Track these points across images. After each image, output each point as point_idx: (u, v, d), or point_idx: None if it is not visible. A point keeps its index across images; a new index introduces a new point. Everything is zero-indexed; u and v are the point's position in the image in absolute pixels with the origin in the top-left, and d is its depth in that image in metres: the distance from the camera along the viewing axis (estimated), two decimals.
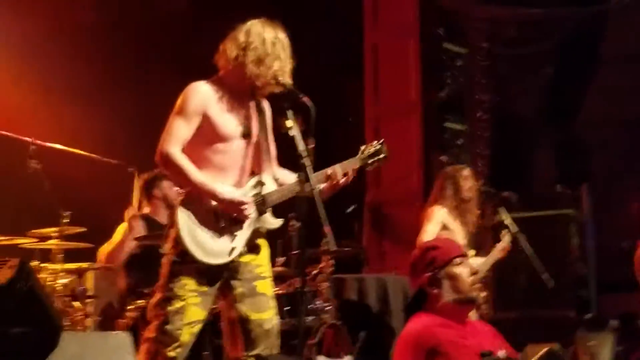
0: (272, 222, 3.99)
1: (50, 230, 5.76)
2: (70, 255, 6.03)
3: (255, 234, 3.94)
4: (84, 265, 5.94)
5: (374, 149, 4.12)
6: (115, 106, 7.97)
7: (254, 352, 3.89)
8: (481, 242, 6.45)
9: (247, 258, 3.92)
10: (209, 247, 3.79)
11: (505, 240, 6.02)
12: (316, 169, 3.94)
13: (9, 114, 7.16)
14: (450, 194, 5.85)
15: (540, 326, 7.08)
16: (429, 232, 5.71)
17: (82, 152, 6.35)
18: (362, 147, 4.15)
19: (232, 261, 3.87)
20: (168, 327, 3.77)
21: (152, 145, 3.92)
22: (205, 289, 3.82)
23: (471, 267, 3.41)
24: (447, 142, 8.26)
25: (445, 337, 3.22)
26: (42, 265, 5.79)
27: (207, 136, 3.84)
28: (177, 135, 3.78)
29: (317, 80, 8.22)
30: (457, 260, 3.39)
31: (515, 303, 6.91)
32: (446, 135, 8.26)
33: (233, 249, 3.84)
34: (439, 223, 5.77)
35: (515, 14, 7.56)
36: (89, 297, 5.83)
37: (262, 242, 4.01)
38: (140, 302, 5.47)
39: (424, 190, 7.86)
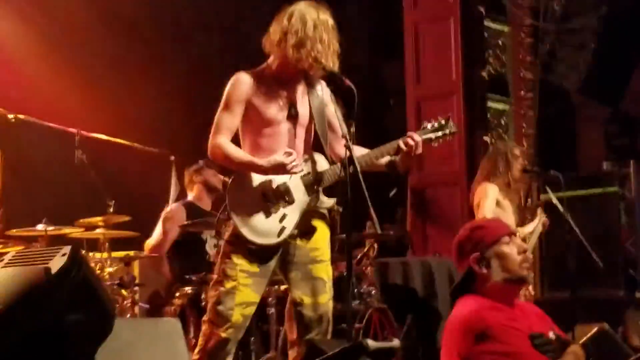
0: (325, 201, 3.96)
1: (97, 220, 5.83)
2: (116, 244, 6.10)
3: (309, 215, 3.91)
4: (131, 253, 5.99)
5: (438, 123, 4.04)
6: (158, 95, 8.02)
7: (307, 337, 3.88)
8: (528, 222, 6.37)
9: (302, 240, 3.91)
10: (259, 227, 3.80)
11: (540, 218, 5.93)
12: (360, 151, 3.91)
13: (54, 105, 7.25)
14: (502, 171, 5.79)
15: (589, 306, 6.98)
16: (487, 208, 5.65)
17: (124, 142, 6.40)
18: (425, 122, 4.08)
19: (286, 242, 3.86)
20: (220, 307, 3.79)
21: (194, 133, 3.96)
22: (256, 269, 3.82)
23: (520, 245, 3.34)
24: (490, 122, 8.15)
25: (495, 319, 3.17)
26: (90, 254, 5.87)
27: (254, 122, 3.88)
28: (222, 126, 3.85)
29: (358, 62, 8.22)
30: (506, 238, 3.32)
31: (564, 283, 6.81)
32: (489, 115, 8.15)
33: (283, 229, 3.84)
34: (494, 199, 5.72)
35: None
36: (136, 285, 5.88)
37: (319, 224, 3.97)
38: (187, 288, 5.51)
39: (467, 171, 7.77)
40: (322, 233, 3.98)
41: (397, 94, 8.54)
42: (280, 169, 3.79)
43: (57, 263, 2.81)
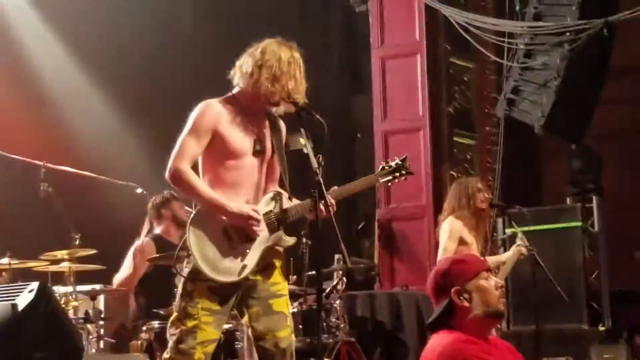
0: (285, 240, 3.96)
1: (62, 253, 5.77)
2: (82, 277, 6.03)
3: (269, 252, 3.91)
4: (97, 287, 5.93)
5: (395, 164, 4.11)
6: (127, 128, 8.00)
7: None
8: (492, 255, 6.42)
9: (261, 276, 3.90)
10: (220, 265, 3.77)
11: (513, 251, 5.97)
12: (328, 185, 3.94)
13: (19, 136, 7.19)
14: (464, 206, 5.82)
15: (555, 340, 7.03)
16: (448, 249, 5.67)
17: (90, 174, 6.36)
18: (382, 164, 4.14)
19: (246, 279, 3.85)
20: (182, 346, 3.75)
21: (162, 166, 3.92)
22: (217, 307, 3.80)
23: (496, 281, 3.38)
24: (456, 157, 8.23)
25: (472, 353, 3.18)
26: (55, 287, 5.79)
27: (219, 153, 3.84)
28: (187, 152, 3.79)
29: (326, 97, 8.29)
30: (484, 274, 3.36)
31: (529, 316, 6.85)
32: (455, 150, 8.24)
33: (244, 267, 3.82)
34: (457, 238, 5.73)
35: (523, 27, 7.55)
36: (102, 319, 5.81)
37: (278, 261, 3.98)
38: (154, 323, 5.45)
39: (434, 205, 7.84)
40: (280, 269, 3.99)
41: (364, 128, 8.61)
42: (245, 222, 3.77)
43: (24, 299, 2.78)
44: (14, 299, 2.86)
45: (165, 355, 3.83)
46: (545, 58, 7.46)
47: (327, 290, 6.14)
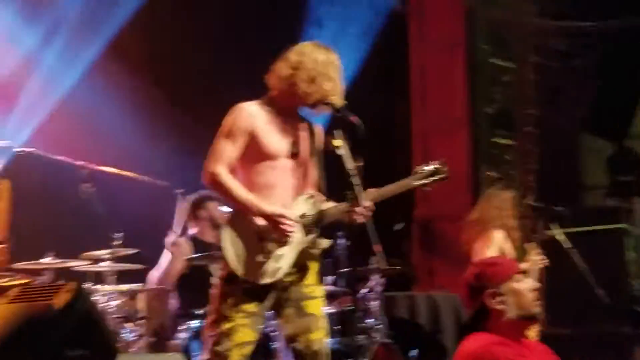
0: (321, 242, 3.97)
1: (103, 253, 5.85)
2: (122, 277, 6.11)
3: (304, 254, 3.92)
4: (136, 286, 6.00)
5: (431, 168, 4.07)
6: (166, 128, 8.07)
7: None
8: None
9: (296, 278, 3.91)
10: (255, 267, 3.79)
11: (533, 255, 5.92)
12: (366, 186, 3.95)
13: (61, 138, 7.31)
14: (498, 215, 5.80)
15: (594, 342, 6.95)
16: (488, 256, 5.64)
17: (131, 174, 6.44)
18: (417, 168, 4.10)
19: (280, 281, 3.87)
20: (218, 348, 3.78)
21: (199, 167, 3.94)
22: (253, 309, 3.82)
23: (531, 283, 3.38)
24: (496, 158, 8.18)
25: (504, 355, 3.18)
26: (95, 287, 5.88)
27: (253, 155, 3.85)
28: (223, 155, 3.81)
29: (364, 98, 8.28)
30: (518, 276, 3.36)
31: (569, 319, 6.79)
32: (495, 151, 8.19)
33: (279, 268, 3.83)
34: (498, 249, 5.72)
35: (563, 27, 7.49)
36: (141, 318, 5.88)
37: (313, 263, 3.99)
38: (192, 322, 5.50)
39: (472, 206, 7.78)
40: (315, 270, 3.99)
41: (403, 129, 8.58)
42: (277, 223, 3.78)
43: (60, 299, 2.84)
44: (50, 299, 2.92)
45: (202, 357, 3.85)
46: (585, 57, 7.38)
47: (364, 292, 6.14)
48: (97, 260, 5.89)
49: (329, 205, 3.95)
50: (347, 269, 6.26)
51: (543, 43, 7.60)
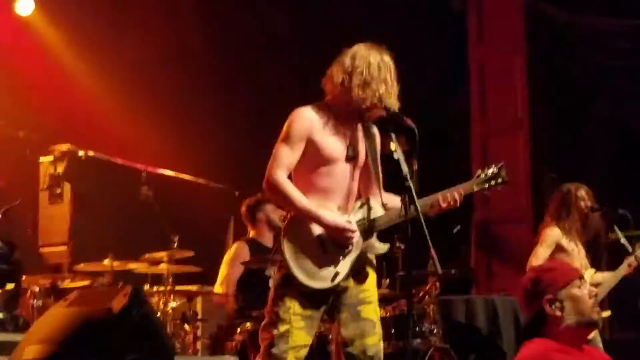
0: (378, 247, 3.94)
1: (161, 255, 5.91)
2: (180, 278, 6.17)
3: (361, 258, 3.90)
4: (194, 288, 6.05)
5: (491, 172, 4.01)
6: (224, 131, 8.13)
7: None
8: (598, 261, 6.22)
9: (352, 283, 3.90)
10: (313, 271, 3.79)
11: (631, 259, 5.76)
12: (423, 189, 3.91)
13: (121, 141, 7.42)
14: (566, 214, 5.66)
15: None
16: (539, 255, 5.54)
17: (189, 177, 6.51)
18: (479, 171, 4.04)
19: (337, 285, 3.85)
20: (273, 350, 3.78)
21: (257, 169, 3.95)
22: (309, 312, 3.82)
23: (590, 289, 3.29)
24: (557, 159, 8.03)
25: None
26: (154, 288, 5.95)
27: (312, 160, 3.85)
28: (283, 161, 3.82)
29: (423, 99, 8.22)
30: (577, 282, 3.28)
31: (634, 324, 6.62)
32: (556, 152, 8.04)
33: (337, 273, 3.82)
34: (551, 245, 5.59)
35: (626, 25, 7.31)
36: (199, 320, 5.92)
37: (369, 267, 3.97)
38: (248, 324, 5.52)
39: (533, 208, 7.66)
40: (372, 276, 3.97)
41: (461, 131, 8.48)
42: (339, 233, 3.78)
43: (118, 303, 2.87)
44: (108, 303, 2.96)
45: (258, 358, 3.85)
46: None
47: (420, 295, 6.09)
48: (155, 262, 5.96)
49: (386, 209, 3.91)
50: (403, 273, 6.23)
51: (606, 42, 7.42)
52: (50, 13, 7.73)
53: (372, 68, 3.81)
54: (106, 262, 5.84)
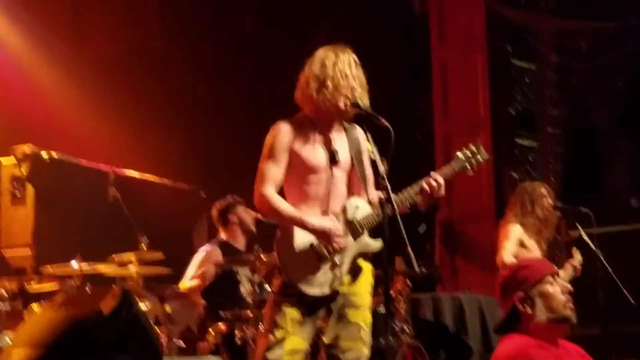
0: (372, 244, 3.97)
1: (130, 256, 5.86)
2: (148, 280, 6.12)
3: (356, 259, 3.94)
4: (167, 290, 6.01)
5: (470, 151, 4.08)
6: (190, 132, 8.09)
7: None
8: (557, 259, 6.34)
9: (348, 284, 3.91)
10: (311, 278, 3.82)
11: (576, 258, 5.90)
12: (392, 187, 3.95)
13: (86, 142, 7.35)
14: (527, 211, 5.76)
15: (622, 342, 6.92)
16: (507, 249, 5.63)
17: (155, 178, 6.48)
18: (458, 153, 4.11)
19: (335, 290, 3.88)
20: (269, 355, 3.80)
21: (222, 170, 3.95)
22: (306, 318, 3.85)
23: (563, 285, 3.35)
24: (518, 158, 8.17)
25: (541, 358, 3.17)
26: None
27: (298, 170, 3.89)
28: (268, 176, 3.86)
29: (385, 98, 8.26)
30: (549, 278, 3.32)
31: (595, 319, 6.76)
32: (517, 151, 8.18)
33: (334, 278, 3.86)
34: (516, 240, 5.69)
35: (585, 27, 7.46)
36: (171, 322, 5.89)
37: (365, 266, 3.99)
38: (220, 325, 5.52)
39: (495, 207, 7.78)
40: (366, 277, 3.99)
41: (424, 129, 8.57)
42: (325, 237, 3.81)
43: (107, 304, 2.87)
44: (98, 304, 2.96)
45: None
46: (607, 58, 7.35)
47: (392, 294, 6.14)
48: (123, 264, 5.90)
49: (373, 208, 3.94)
50: (380, 271, 6.27)
51: (565, 43, 7.57)
52: (10, 13, 7.62)
53: (327, 67, 3.85)
54: (74, 263, 5.76)
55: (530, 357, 3.16)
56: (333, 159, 3.92)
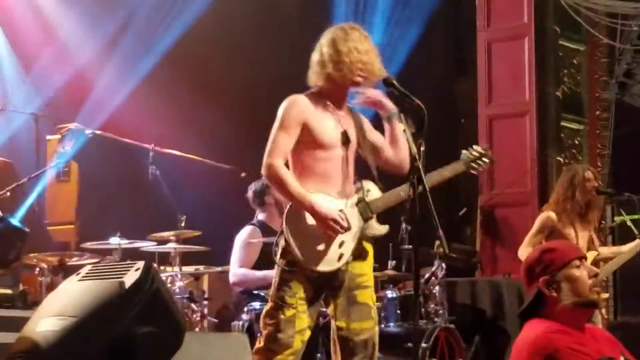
0: (378, 228, 3.97)
1: (169, 234, 5.94)
2: (187, 258, 6.20)
3: (362, 241, 3.94)
4: (201, 268, 6.08)
5: (478, 153, 4.12)
6: (231, 112, 8.14)
7: None
8: (601, 244, 6.21)
9: (353, 266, 3.91)
10: (318, 254, 3.81)
11: (636, 243, 5.72)
12: (430, 170, 3.93)
13: (130, 121, 7.45)
14: (568, 197, 5.62)
15: None
16: (526, 242, 5.52)
17: (196, 157, 6.53)
18: (464, 152, 4.13)
19: (339, 269, 3.88)
20: (280, 335, 3.79)
21: (259, 152, 3.97)
22: (312, 296, 3.84)
23: (590, 269, 3.29)
24: (564, 142, 8.02)
25: (563, 343, 3.11)
26: (161, 267, 5.98)
27: (308, 145, 3.88)
28: (280, 147, 3.83)
29: (430, 82, 8.20)
30: (576, 262, 3.26)
31: (638, 307, 6.64)
32: (563, 135, 8.03)
33: (341, 255, 3.85)
34: (542, 231, 5.54)
35: (636, 8, 7.27)
36: (206, 299, 5.96)
37: (369, 248, 3.99)
38: (255, 304, 5.55)
39: (538, 192, 7.66)
40: (369, 259, 3.99)
41: (469, 113, 8.47)
42: (328, 225, 3.78)
43: (130, 277, 2.91)
44: (121, 277, 3.00)
45: (259, 344, 3.84)
46: None
47: (426, 276, 6.12)
48: (162, 242, 5.98)
49: (384, 192, 3.94)
50: (409, 254, 6.25)
51: (615, 24, 7.39)
52: None
53: (339, 45, 3.85)
54: (114, 240, 5.87)
55: (551, 342, 3.11)
56: (344, 138, 3.92)
